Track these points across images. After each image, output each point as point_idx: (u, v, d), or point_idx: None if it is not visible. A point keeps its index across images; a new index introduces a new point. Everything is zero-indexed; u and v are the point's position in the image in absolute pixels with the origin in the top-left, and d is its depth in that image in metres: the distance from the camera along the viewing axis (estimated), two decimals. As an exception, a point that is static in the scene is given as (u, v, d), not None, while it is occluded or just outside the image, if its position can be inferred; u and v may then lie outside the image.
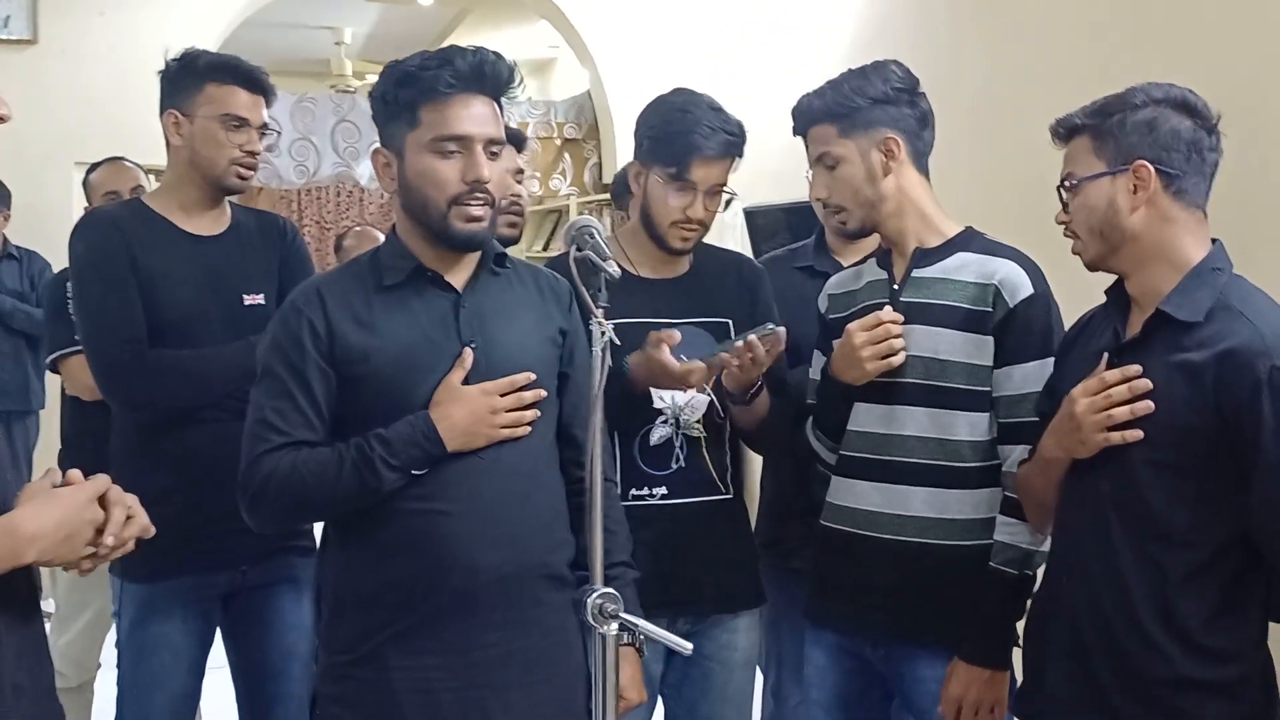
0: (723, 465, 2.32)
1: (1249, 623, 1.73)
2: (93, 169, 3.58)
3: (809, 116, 2.17)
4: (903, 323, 2.08)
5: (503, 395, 1.87)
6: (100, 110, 5.23)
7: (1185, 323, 1.72)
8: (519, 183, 2.97)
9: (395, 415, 1.84)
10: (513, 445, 1.88)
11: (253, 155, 2.48)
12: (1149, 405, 1.72)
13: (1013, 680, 2.06)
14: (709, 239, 2.39)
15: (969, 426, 2.06)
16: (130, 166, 3.53)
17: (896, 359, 2.07)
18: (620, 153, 6.33)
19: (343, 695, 1.88)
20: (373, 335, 1.87)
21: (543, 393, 1.91)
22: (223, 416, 2.35)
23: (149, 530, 1.55)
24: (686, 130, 2.24)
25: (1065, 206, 1.85)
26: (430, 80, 1.84)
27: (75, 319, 2.56)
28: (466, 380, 1.86)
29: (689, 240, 2.31)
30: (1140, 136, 1.76)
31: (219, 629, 2.55)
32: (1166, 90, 1.78)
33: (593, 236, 1.79)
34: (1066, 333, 2.01)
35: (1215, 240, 1.79)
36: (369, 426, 1.84)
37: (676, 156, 2.24)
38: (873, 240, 2.30)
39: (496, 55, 1.88)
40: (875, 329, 2.07)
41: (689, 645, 1.76)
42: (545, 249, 7.52)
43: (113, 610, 2.57)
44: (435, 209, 1.86)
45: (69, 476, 1.52)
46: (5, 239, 5.04)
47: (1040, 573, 1.99)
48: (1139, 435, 1.72)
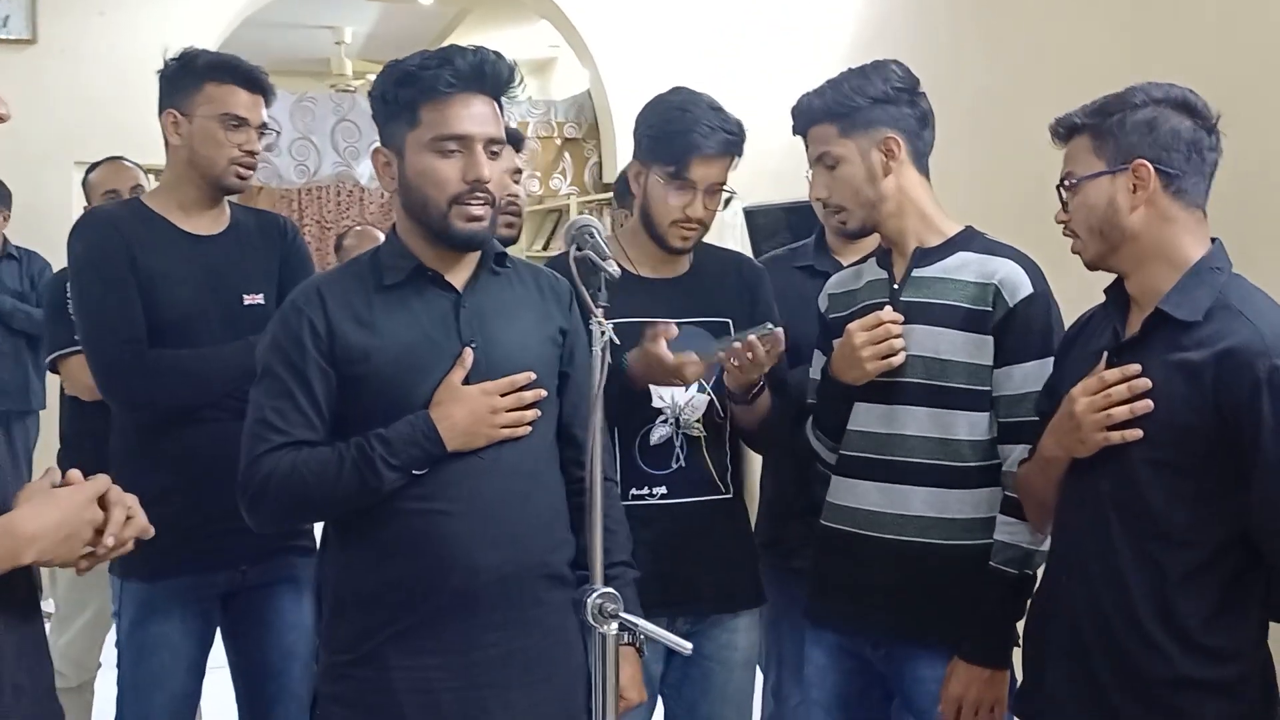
0: (723, 465, 2.32)
1: (1248, 622, 1.73)
2: (92, 168, 3.57)
3: (809, 116, 2.16)
4: (903, 322, 2.08)
5: (503, 395, 1.87)
6: (100, 110, 5.22)
7: (1184, 322, 1.72)
8: (516, 183, 2.97)
9: (395, 415, 1.84)
10: (513, 445, 1.88)
11: (252, 155, 2.48)
12: (1148, 404, 1.72)
13: (1013, 680, 2.06)
14: (709, 238, 2.39)
15: (969, 426, 2.06)
16: (129, 166, 3.53)
17: (897, 359, 2.07)
18: (620, 152, 6.33)
19: (343, 695, 1.88)
20: (373, 335, 1.87)
21: (543, 392, 1.91)
22: (222, 416, 2.35)
23: (148, 531, 1.55)
24: (685, 129, 2.24)
25: (1065, 206, 1.85)
26: (430, 80, 1.84)
27: (74, 319, 2.56)
28: (467, 380, 1.86)
29: (689, 239, 2.31)
30: (1140, 136, 1.76)
31: (219, 629, 2.55)
32: (1166, 90, 1.78)
33: (592, 236, 1.79)
34: (1066, 332, 2.01)
35: (1215, 239, 1.79)
36: (369, 426, 1.83)
37: (675, 155, 2.24)
38: (873, 240, 2.29)
39: (497, 55, 1.88)
40: (875, 329, 2.07)
41: (689, 645, 1.76)
42: (545, 249, 7.52)
43: (112, 610, 2.57)
44: (436, 208, 1.86)
45: (69, 476, 1.52)
46: (5, 239, 5.03)
47: (1040, 572, 1.99)
48: (1138, 434, 1.72)
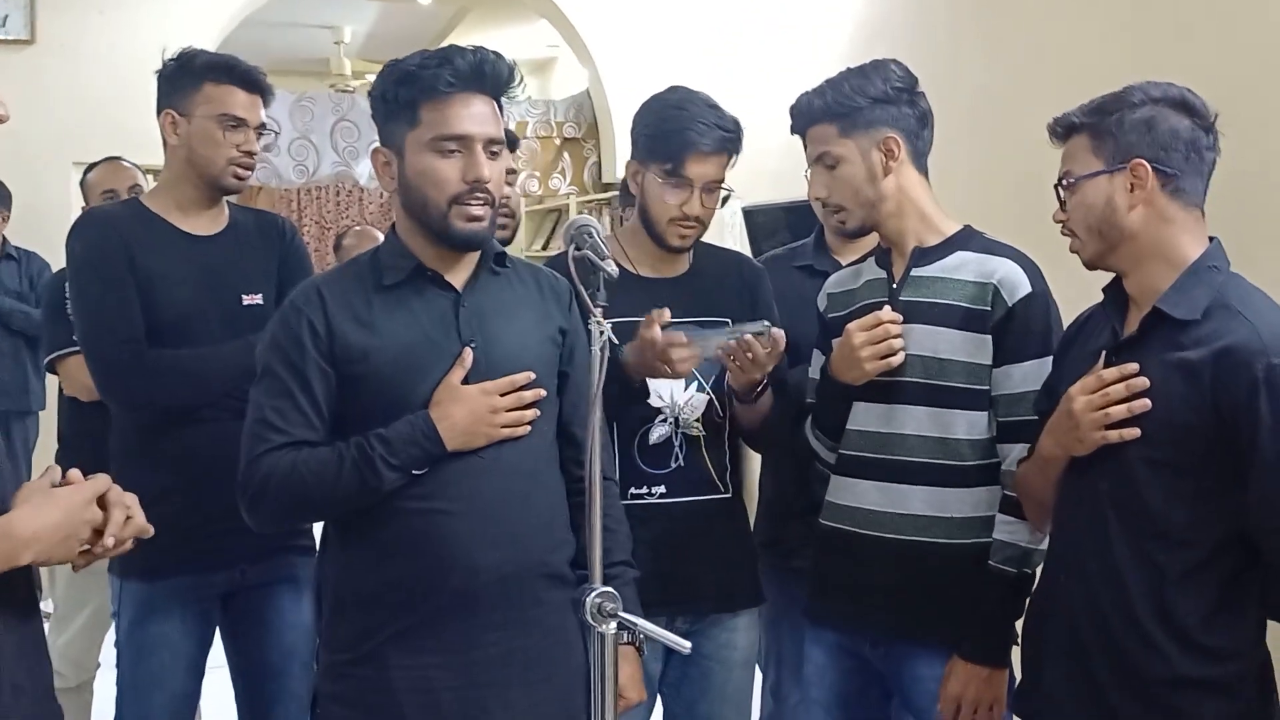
0: (722, 464, 2.32)
1: (1246, 621, 1.73)
2: (90, 169, 3.57)
3: (808, 116, 2.16)
4: (902, 322, 2.08)
5: (503, 395, 1.87)
6: (99, 110, 5.22)
7: (1182, 321, 1.72)
8: (510, 184, 2.96)
9: (395, 415, 1.84)
10: (513, 445, 1.88)
11: (250, 155, 2.48)
12: (1146, 404, 1.72)
13: (1011, 678, 2.06)
14: (708, 237, 2.39)
15: (968, 425, 2.06)
16: (128, 166, 3.52)
17: (896, 359, 2.07)
18: (620, 152, 6.33)
19: (343, 694, 1.88)
20: (372, 335, 1.87)
21: (543, 392, 1.92)
22: (222, 416, 2.35)
23: (147, 531, 1.55)
24: (681, 127, 2.24)
25: (1063, 205, 1.85)
26: (430, 79, 1.84)
27: (73, 319, 2.56)
28: (466, 380, 1.86)
29: (687, 238, 2.30)
30: (1138, 135, 1.76)
31: (218, 628, 2.55)
32: (1165, 89, 1.78)
33: (591, 235, 1.79)
34: (1065, 331, 2.01)
35: (1213, 238, 1.79)
36: (369, 426, 1.84)
37: (672, 153, 2.24)
38: (872, 239, 2.29)
39: (496, 54, 1.88)
40: (874, 329, 2.07)
41: (688, 644, 1.76)
42: (545, 248, 7.52)
43: (111, 610, 2.56)
44: (435, 208, 1.86)
45: (69, 476, 1.52)
46: (4, 239, 5.03)
47: (1039, 571, 1.99)
48: (1136, 433, 1.72)
